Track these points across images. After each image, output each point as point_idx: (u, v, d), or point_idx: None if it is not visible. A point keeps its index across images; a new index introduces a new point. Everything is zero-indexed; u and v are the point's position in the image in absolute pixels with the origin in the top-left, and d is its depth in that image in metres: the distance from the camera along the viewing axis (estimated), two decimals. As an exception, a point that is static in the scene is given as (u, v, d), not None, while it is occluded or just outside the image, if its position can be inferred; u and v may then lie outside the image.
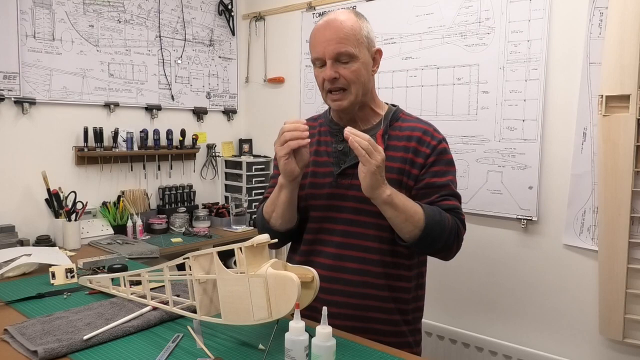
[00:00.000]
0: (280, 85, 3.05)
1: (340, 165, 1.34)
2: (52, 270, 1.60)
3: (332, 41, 1.25)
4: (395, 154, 1.31)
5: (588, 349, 1.97)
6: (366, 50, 1.29)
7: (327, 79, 1.27)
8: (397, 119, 1.36)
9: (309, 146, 1.34)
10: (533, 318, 2.10)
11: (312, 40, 1.30)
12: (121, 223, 2.54)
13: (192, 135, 2.88)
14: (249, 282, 1.04)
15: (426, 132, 1.33)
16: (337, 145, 1.36)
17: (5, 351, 1.11)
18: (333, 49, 1.24)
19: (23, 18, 2.27)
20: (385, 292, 1.32)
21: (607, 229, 1.83)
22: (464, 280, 2.27)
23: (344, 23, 1.25)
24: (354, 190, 1.29)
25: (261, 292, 1.03)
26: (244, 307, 1.05)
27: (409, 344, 1.35)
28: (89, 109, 2.52)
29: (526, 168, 2.07)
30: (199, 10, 2.98)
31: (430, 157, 1.30)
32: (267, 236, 1.09)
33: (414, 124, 1.35)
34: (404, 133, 1.33)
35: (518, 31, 2.07)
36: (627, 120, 1.76)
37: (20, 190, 2.31)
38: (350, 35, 1.25)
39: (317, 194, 1.36)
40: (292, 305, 0.99)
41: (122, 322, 1.20)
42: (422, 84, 2.35)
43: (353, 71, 1.26)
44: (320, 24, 1.30)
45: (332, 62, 1.26)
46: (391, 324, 1.33)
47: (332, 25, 1.26)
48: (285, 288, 1.01)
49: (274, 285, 1.02)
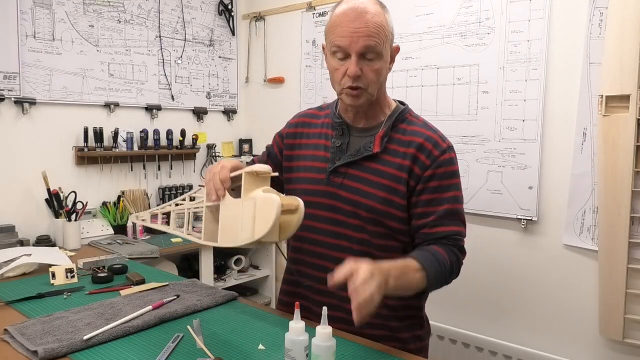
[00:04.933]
0: (280, 85, 3.05)
1: (335, 161, 1.27)
2: (52, 270, 1.60)
3: (362, 34, 1.14)
4: (392, 159, 1.23)
5: (588, 349, 1.98)
6: (389, 48, 1.20)
7: (351, 75, 1.16)
8: (402, 120, 1.27)
9: (309, 137, 1.34)
10: (533, 318, 2.10)
11: (336, 28, 1.17)
12: (121, 223, 2.54)
13: (192, 135, 2.88)
14: (243, 204, 1.12)
15: (429, 139, 1.23)
16: (335, 140, 1.29)
17: (5, 351, 1.11)
18: (363, 43, 1.14)
19: (23, 18, 2.27)
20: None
21: (607, 229, 1.83)
22: (464, 281, 2.26)
23: (375, 17, 1.15)
24: (345, 191, 1.24)
25: (250, 213, 1.10)
26: (235, 228, 1.14)
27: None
28: (89, 109, 2.52)
29: (526, 168, 2.07)
30: (199, 10, 2.98)
31: (428, 170, 1.20)
32: (268, 167, 1.16)
33: (418, 129, 1.25)
34: (406, 137, 1.24)
35: (518, 31, 2.07)
36: (627, 120, 1.76)
37: (20, 190, 2.31)
38: (380, 30, 1.15)
39: (310, 190, 1.30)
40: (271, 223, 1.05)
41: (122, 322, 1.20)
42: (422, 84, 2.35)
43: (375, 70, 1.18)
44: (347, 11, 1.16)
45: (357, 58, 1.16)
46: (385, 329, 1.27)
47: (362, 17, 1.14)
48: (267, 207, 1.07)
49: (260, 206, 1.09)
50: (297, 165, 1.37)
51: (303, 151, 1.37)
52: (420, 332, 1.35)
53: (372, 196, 1.22)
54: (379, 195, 1.21)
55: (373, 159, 1.24)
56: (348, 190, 1.24)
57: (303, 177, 1.33)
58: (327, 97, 2.77)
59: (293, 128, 1.41)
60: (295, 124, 1.42)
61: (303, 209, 1.13)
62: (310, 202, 1.26)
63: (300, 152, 1.37)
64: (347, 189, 1.24)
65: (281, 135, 1.45)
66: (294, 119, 1.45)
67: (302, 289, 1.34)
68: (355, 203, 1.23)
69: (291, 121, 1.45)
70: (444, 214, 1.20)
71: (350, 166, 1.25)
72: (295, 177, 1.35)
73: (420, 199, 1.21)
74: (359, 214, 1.23)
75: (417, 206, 1.21)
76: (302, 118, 1.43)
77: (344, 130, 1.29)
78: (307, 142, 1.37)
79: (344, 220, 1.25)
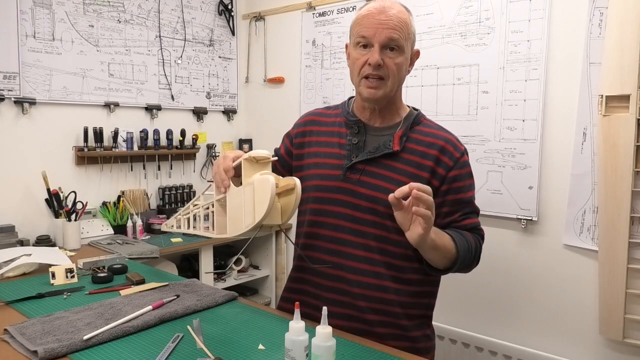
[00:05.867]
0: (280, 85, 3.05)
1: (352, 158, 1.28)
2: (52, 270, 1.59)
3: (386, 26, 1.20)
4: (411, 157, 1.26)
5: (588, 349, 1.98)
6: (409, 48, 1.26)
7: (373, 63, 1.20)
8: (418, 122, 1.31)
9: (319, 135, 1.36)
10: (533, 318, 2.10)
11: (363, 20, 1.23)
12: (121, 223, 2.54)
13: (192, 135, 2.88)
14: (244, 191, 1.14)
15: (449, 142, 1.28)
16: (352, 138, 1.30)
17: (5, 351, 1.11)
18: (387, 34, 1.20)
19: (23, 18, 2.27)
20: (391, 295, 1.26)
21: (607, 229, 1.83)
22: (464, 281, 2.27)
23: (400, 14, 1.22)
24: (363, 188, 1.25)
25: (250, 198, 1.12)
26: (240, 216, 1.14)
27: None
28: (89, 109, 2.52)
29: (526, 168, 2.07)
30: (199, 10, 2.98)
31: (452, 170, 1.26)
32: (267, 152, 1.18)
33: (437, 132, 1.30)
34: (425, 139, 1.28)
35: (518, 31, 2.07)
36: (627, 120, 1.76)
37: (20, 190, 2.31)
38: (404, 26, 1.22)
39: (323, 186, 1.30)
40: (267, 204, 1.06)
41: (122, 322, 1.20)
42: (422, 84, 2.35)
43: (397, 63, 1.22)
44: (373, 7, 1.23)
45: (380, 47, 1.21)
46: (395, 327, 1.27)
47: (387, 11, 1.21)
48: (263, 188, 1.09)
49: (257, 189, 1.10)
50: (307, 162, 1.37)
51: (314, 148, 1.37)
52: (428, 332, 1.36)
53: (390, 192, 1.19)
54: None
55: (392, 157, 1.26)
56: (366, 187, 1.25)
57: (316, 174, 1.33)
58: (327, 97, 2.77)
59: (302, 127, 1.42)
60: (304, 123, 1.43)
61: (300, 188, 1.14)
62: (323, 198, 1.30)
63: (311, 149, 1.37)
64: (365, 185, 1.25)
65: (290, 136, 1.45)
66: (301, 119, 1.45)
67: (310, 287, 1.33)
68: (373, 199, 1.24)
69: (299, 121, 1.45)
70: (468, 210, 1.29)
71: (369, 163, 1.26)
72: (306, 174, 1.35)
73: (446, 199, 1.26)
74: (377, 210, 1.24)
75: (444, 206, 1.26)
76: (310, 117, 1.44)
77: (360, 128, 1.31)
78: (318, 139, 1.37)
79: (361, 217, 1.26)
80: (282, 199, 1.15)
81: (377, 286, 1.26)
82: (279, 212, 1.15)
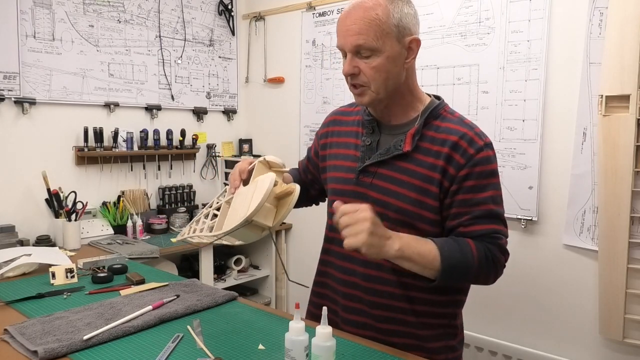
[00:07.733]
0: (280, 85, 3.05)
1: (364, 161, 1.22)
2: (52, 270, 1.60)
3: (351, 32, 1.11)
4: (424, 157, 1.15)
5: (588, 349, 1.98)
6: (395, 42, 1.13)
7: (344, 74, 1.16)
8: (436, 116, 1.19)
9: (340, 135, 1.32)
10: (533, 318, 2.10)
11: (337, 27, 1.16)
12: (121, 223, 2.54)
13: (192, 135, 2.88)
14: (249, 189, 1.16)
15: (464, 137, 1.14)
16: (365, 138, 1.23)
17: (5, 351, 1.11)
18: (351, 42, 1.11)
19: (23, 18, 2.27)
20: (403, 303, 1.20)
21: (607, 229, 1.83)
22: (464, 280, 2.27)
23: (368, 11, 1.10)
24: (375, 192, 1.19)
25: (251, 193, 1.13)
26: (238, 212, 1.15)
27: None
28: (89, 109, 2.52)
29: (526, 168, 2.07)
30: (199, 10, 2.98)
31: (463, 169, 1.13)
32: (281, 160, 1.22)
33: (453, 126, 1.17)
34: (439, 135, 1.16)
35: (518, 31, 2.07)
36: (627, 120, 1.76)
37: (20, 190, 2.31)
38: (373, 25, 1.10)
39: (339, 190, 1.26)
40: (262, 196, 1.06)
41: (122, 322, 1.20)
42: (422, 84, 2.31)
43: (373, 67, 1.12)
44: (345, 9, 1.15)
45: (351, 55, 1.13)
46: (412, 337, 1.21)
47: (353, 13, 1.12)
48: (263, 182, 1.11)
49: (259, 184, 1.12)
50: (328, 164, 1.34)
51: (334, 150, 1.32)
52: (453, 342, 1.28)
53: (401, 197, 1.16)
54: (409, 196, 1.15)
55: (404, 158, 1.17)
56: (377, 191, 1.19)
57: (333, 177, 1.29)
58: (327, 97, 2.77)
59: (325, 128, 1.39)
60: (327, 123, 1.39)
61: (297, 196, 1.14)
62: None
63: (331, 151, 1.33)
64: (377, 189, 1.19)
65: (317, 135, 1.42)
66: (327, 118, 1.41)
67: (330, 292, 1.31)
68: (384, 204, 1.17)
69: (325, 120, 1.41)
70: (480, 214, 1.13)
71: (380, 165, 1.20)
72: (328, 177, 1.33)
73: (455, 199, 1.14)
74: (387, 215, 1.15)
75: (452, 207, 1.15)
76: (333, 116, 1.39)
77: (374, 128, 1.24)
78: (338, 140, 1.32)
79: None
80: (280, 203, 1.15)
81: (389, 294, 1.20)
82: (272, 213, 1.13)
